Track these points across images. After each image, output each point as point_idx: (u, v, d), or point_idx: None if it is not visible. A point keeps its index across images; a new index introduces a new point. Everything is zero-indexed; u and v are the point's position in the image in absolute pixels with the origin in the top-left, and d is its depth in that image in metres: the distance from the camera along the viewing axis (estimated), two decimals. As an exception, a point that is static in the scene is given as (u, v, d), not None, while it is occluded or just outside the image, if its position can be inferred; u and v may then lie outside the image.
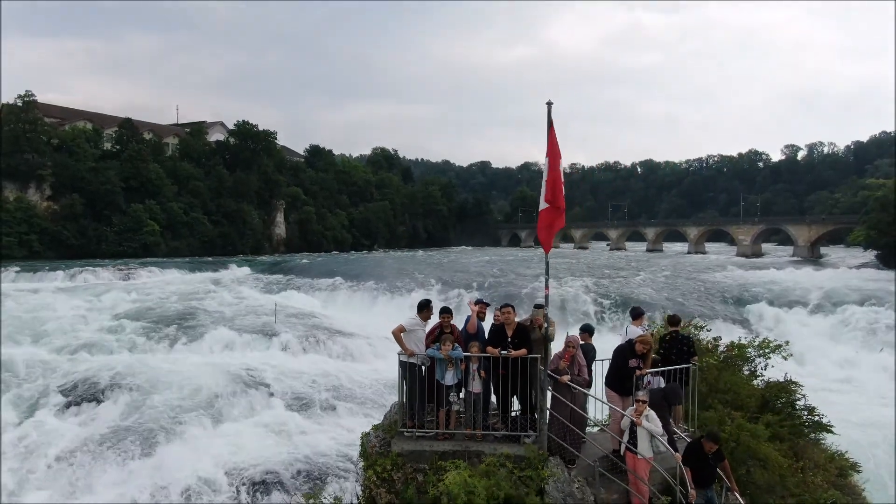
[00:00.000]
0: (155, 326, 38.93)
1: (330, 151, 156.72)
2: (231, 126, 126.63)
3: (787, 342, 13.82)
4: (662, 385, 7.79)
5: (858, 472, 13.13)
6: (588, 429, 7.64)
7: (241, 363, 32.27)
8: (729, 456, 7.83)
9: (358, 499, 7.29)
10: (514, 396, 7.35)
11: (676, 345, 8.83)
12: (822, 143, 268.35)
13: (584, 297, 51.65)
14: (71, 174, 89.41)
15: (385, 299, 57.23)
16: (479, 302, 8.25)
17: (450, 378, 7.15)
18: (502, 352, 7.43)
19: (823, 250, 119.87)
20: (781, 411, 12.48)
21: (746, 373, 13.94)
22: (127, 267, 67.24)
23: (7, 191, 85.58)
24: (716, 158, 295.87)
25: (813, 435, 12.72)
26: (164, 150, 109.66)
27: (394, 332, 7.63)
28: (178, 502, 18.64)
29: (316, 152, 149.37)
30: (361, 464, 7.14)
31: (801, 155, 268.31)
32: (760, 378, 13.82)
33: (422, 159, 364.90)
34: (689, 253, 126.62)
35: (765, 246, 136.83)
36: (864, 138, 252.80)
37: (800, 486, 11.39)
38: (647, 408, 6.71)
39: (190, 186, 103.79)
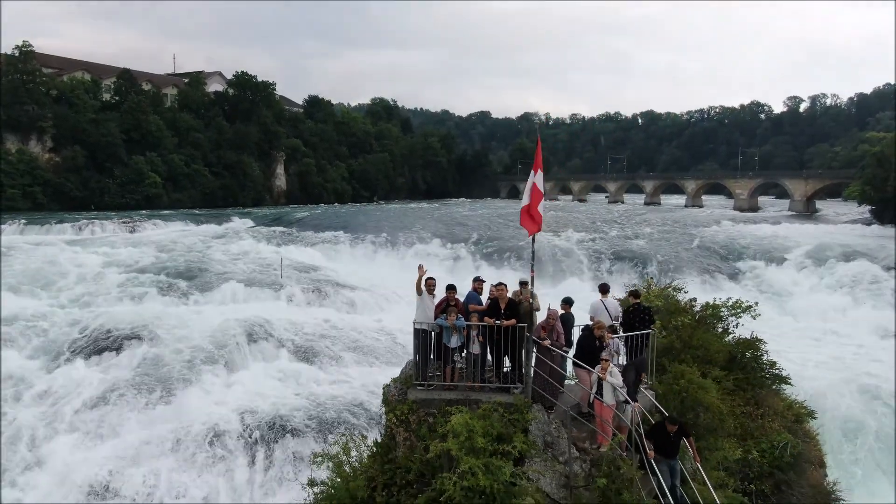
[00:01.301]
0: (166, 279, 40.30)
1: (329, 102, 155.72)
2: (229, 76, 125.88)
3: (756, 303, 15.16)
4: (622, 348, 9.29)
5: (815, 418, 14.69)
6: (567, 381, 9.23)
7: (249, 315, 33.57)
8: (680, 404, 9.31)
9: (381, 436, 8.79)
10: (506, 356, 9.02)
11: (638, 314, 10.33)
12: (824, 95, 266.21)
13: (578, 253, 52.99)
14: (71, 126, 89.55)
15: (385, 252, 58.68)
16: (476, 279, 9.66)
17: (454, 342, 8.84)
18: (496, 322, 9.03)
19: (820, 205, 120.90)
20: (747, 365, 13.98)
21: (720, 330, 15.39)
22: (132, 220, 68.37)
23: (8, 142, 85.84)
24: (717, 110, 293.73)
25: (774, 386, 14.24)
26: (163, 101, 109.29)
27: (418, 277, 9.29)
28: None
29: (315, 103, 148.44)
30: (384, 409, 8.60)
31: (803, 107, 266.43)
32: (732, 335, 15.25)
33: (421, 109, 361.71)
34: (686, 206, 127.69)
35: (762, 199, 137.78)
36: (868, 90, 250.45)
37: (759, 430, 13.00)
38: (611, 364, 8.20)
39: (190, 138, 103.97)
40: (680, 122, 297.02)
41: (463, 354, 9.04)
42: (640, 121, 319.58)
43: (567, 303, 10.05)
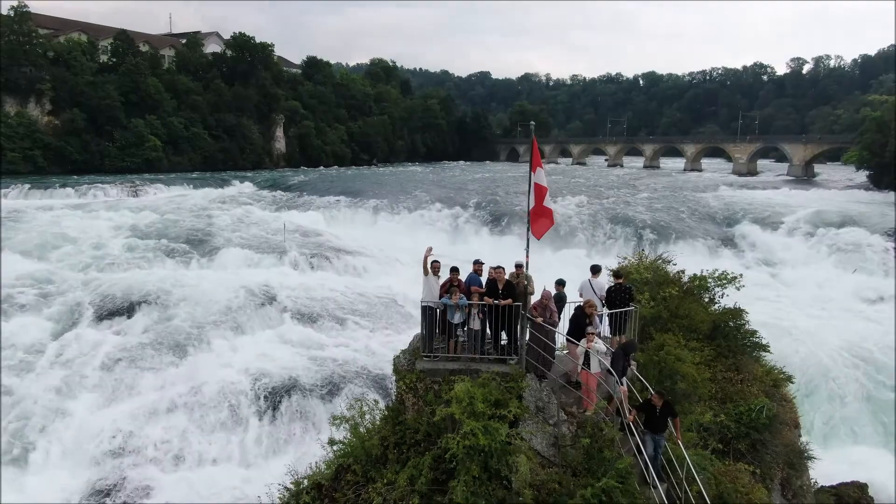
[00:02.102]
0: (172, 244, 41.14)
1: (328, 63, 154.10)
2: (226, 35, 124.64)
3: (740, 275, 16.03)
4: (606, 320, 10.29)
5: (792, 382, 15.71)
6: (557, 354, 10.17)
7: (254, 280, 34.51)
8: (658, 374, 10.26)
9: (392, 401, 9.75)
10: (503, 331, 9.89)
11: (620, 293, 11.28)
12: (828, 57, 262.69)
13: (575, 220, 53.61)
14: (70, 88, 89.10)
15: (386, 217, 59.37)
16: (476, 262, 10.52)
17: (457, 318, 9.80)
18: (495, 301, 10.00)
19: (819, 168, 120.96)
20: (729, 334, 14.92)
21: (707, 300, 16.30)
22: (133, 184, 68.79)
23: (7, 105, 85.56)
24: (720, 71, 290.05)
25: (755, 353, 15.21)
26: (160, 62, 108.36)
27: (424, 257, 10.13)
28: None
29: (313, 64, 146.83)
30: (394, 377, 9.52)
31: (806, 69, 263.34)
32: (717, 305, 16.16)
33: (420, 69, 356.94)
34: (685, 171, 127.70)
35: (761, 163, 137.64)
36: (873, 52, 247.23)
37: (738, 394, 14.00)
38: (596, 337, 9.13)
39: (189, 101, 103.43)
40: (681, 83, 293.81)
41: (465, 329, 9.97)
42: (641, 82, 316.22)
43: (560, 283, 10.96)
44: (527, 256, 9.81)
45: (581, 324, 9.68)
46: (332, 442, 9.47)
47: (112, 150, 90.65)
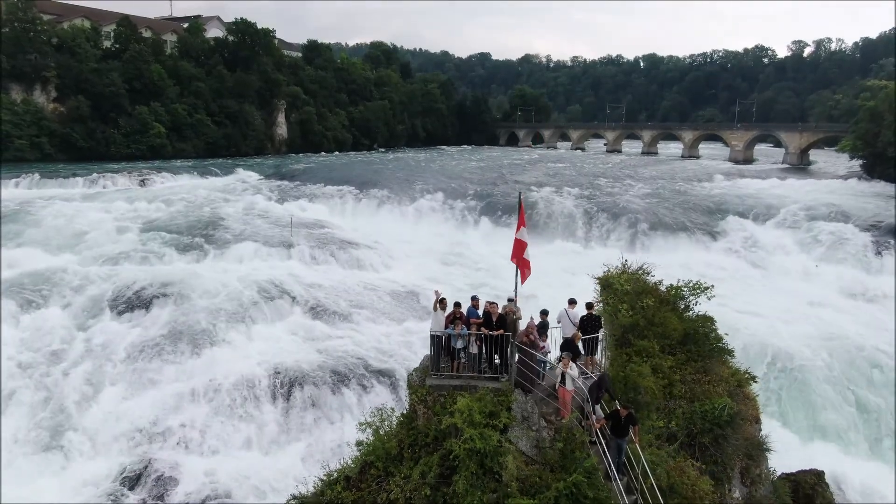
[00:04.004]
0: (183, 237, 42.71)
1: (328, 47, 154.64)
2: (227, 20, 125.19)
3: (712, 285, 17.78)
4: (580, 343, 12.29)
5: (756, 382, 17.55)
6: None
7: (265, 273, 36.20)
8: (622, 386, 12.12)
9: (406, 409, 11.69)
10: (496, 355, 11.81)
11: (591, 322, 13.24)
12: (829, 40, 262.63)
13: (577, 210, 55.13)
14: (75, 75, 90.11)
15: (388, 207, 60.88)
16: (474, 297, 12.38)
17: (459, 344, 11.88)
18: (490, 332, 12.08)
19: (816, 155, 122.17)
20: (699, 340, 16.73)
21: (683, 307, 18.10)
22: (140, 173, 70.22)
23: (13, 92, 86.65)
24: (720, 54, 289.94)
25: (724, 357, 17.03)
26: (163, 48, 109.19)
27: (434, 301, 12.46)
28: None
29: (313, 48, 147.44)
30: (408, 391, 11.47)
31: (807, 51, 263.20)
32: (691, 312, 17.96)
33: (420, 49, 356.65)
34: (682, 157, 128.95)
35: (758, 148, 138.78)
36: (874, 34, 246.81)
37: (704, 394, 15.87)
38: (570, 361, 11.03)
39: (192, 87, 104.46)
40: (682, 65, 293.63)
41: (465, 353, 11.92)
42: (641, 64, 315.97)
43: (543, 313, 12.90)
44: (515, 294, 11.67)
45: (571, 348, 11.69)
46: (358, 443, 11.45)
47: (117, 137, 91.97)
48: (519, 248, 11.42)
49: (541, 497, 9.62)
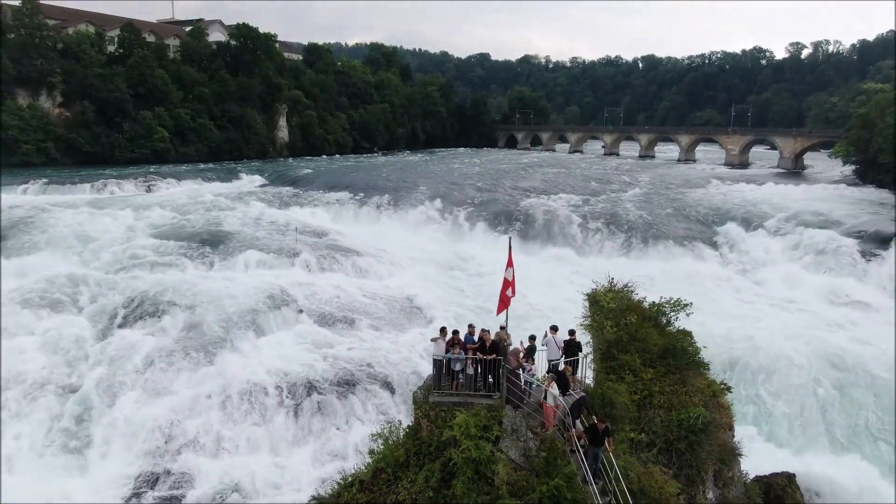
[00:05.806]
0: (190, 245, 43.84)
1: (328, 50, 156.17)
2: (227, 20, 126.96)
3: (691, 302, 19.22)
4: (562, 364, 13.83)
5: (731, 392, 19.04)
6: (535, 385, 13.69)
7: (271, 282, 37.35)
8: (599, 402, 13.62)
9: (412, 422, 13.32)
10: (490, 375, 13.39)
11: (571, 346, 14.76)
12: (827, 42, 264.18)
13: (573, 217, 56.50)
14: (80, 81, 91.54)
15: (389, 214, 62.29)
16: (470, 326, 13.95)
17: (458, 366, 13.53)
18: (484, 356, 13.68)
19: (810, 160, 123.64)
20: (678, 353, 18.21)
21: (664, 322, 19.57)
22: (146, 178, 71.61)
23: (20, 97, 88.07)
24: (719, 55, 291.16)
25: (701, 370, 18.52)
26: (166, 52, 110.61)
27: (433, 340, 14.04)
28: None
29: (314, 51, 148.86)
30: (414, 407, 13.07)
31: (805, 53, 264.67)
32: (672, 327, 19.43)
33: (420, 49, 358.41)
34: (679, 161, 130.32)
35: (754, 151, 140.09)
36: (872, 37, 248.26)
37: (681, 404, 17.37)
38: (553, 381, 12.59)
39: (195, 92, 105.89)
40: (680, 66, 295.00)
41: (463, 374, 13.46)
42: (640, 65, 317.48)
43: (531, 338, 14.44)
44: (506, 322, 13.29)
45: (562, 381, 13.24)
46: (370, 451, 13.06)
47: (122, 141, 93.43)
48: (506, 285, 12.98)
49: (527, 499, 11.20)
